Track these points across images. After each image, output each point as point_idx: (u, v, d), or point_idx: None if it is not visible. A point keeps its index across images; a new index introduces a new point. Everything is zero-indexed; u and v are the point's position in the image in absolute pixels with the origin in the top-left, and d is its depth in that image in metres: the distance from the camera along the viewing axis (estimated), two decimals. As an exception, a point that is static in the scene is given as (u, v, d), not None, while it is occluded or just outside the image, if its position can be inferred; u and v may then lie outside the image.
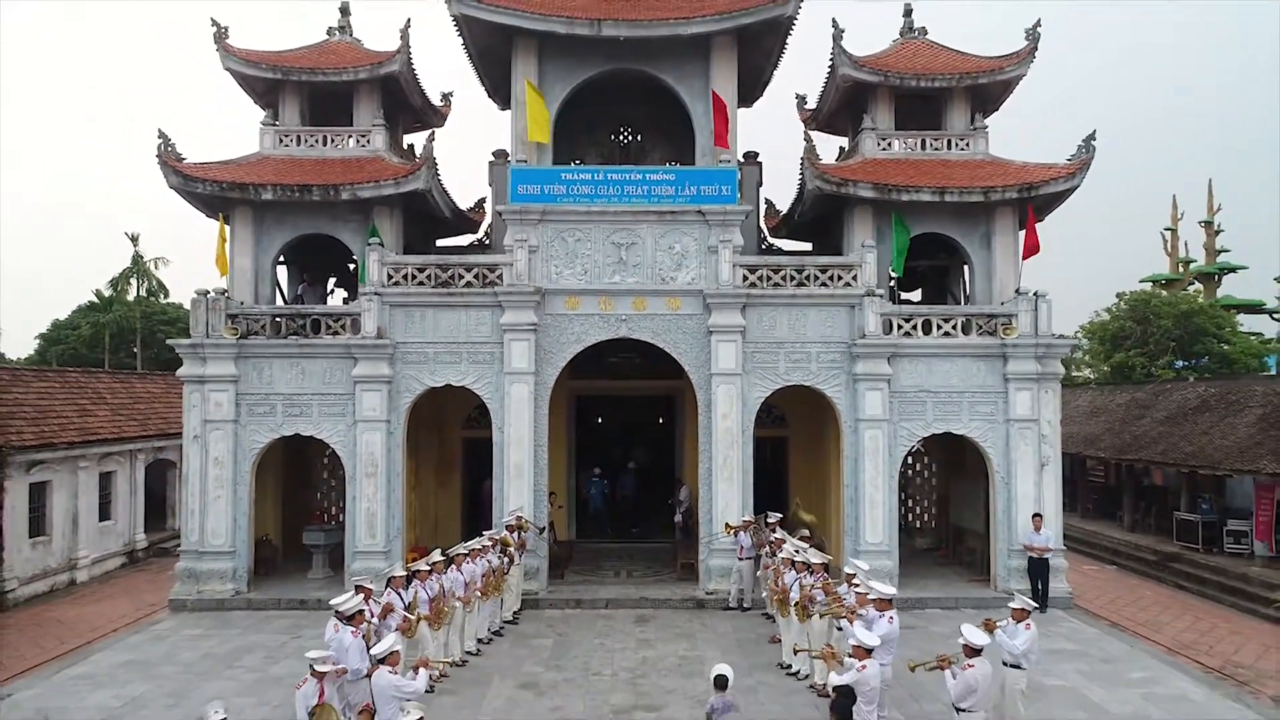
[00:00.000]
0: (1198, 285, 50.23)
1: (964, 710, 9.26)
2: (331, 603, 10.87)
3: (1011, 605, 10.50)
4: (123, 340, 37.94)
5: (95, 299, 38.76)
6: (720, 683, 10.00)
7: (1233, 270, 49.68)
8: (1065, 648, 14.82)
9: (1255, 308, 47.83)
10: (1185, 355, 35.53)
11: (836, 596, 11.43)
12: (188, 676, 13.28)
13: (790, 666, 13.19)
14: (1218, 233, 50.13)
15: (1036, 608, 11.93)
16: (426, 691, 10.00)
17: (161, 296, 39.54)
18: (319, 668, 9.00)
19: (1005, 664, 10.24)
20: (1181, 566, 22.42)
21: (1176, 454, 23.99)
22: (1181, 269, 49.37)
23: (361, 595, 11.06)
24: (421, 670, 9.65)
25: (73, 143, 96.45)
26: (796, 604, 12.32)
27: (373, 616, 11.12)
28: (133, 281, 38.50)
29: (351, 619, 10.34)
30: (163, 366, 38.25)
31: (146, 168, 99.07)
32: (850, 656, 9.47)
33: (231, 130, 63.07)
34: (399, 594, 11.98)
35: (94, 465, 22.98)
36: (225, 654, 14.35)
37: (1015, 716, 10.14)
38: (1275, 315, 45.09)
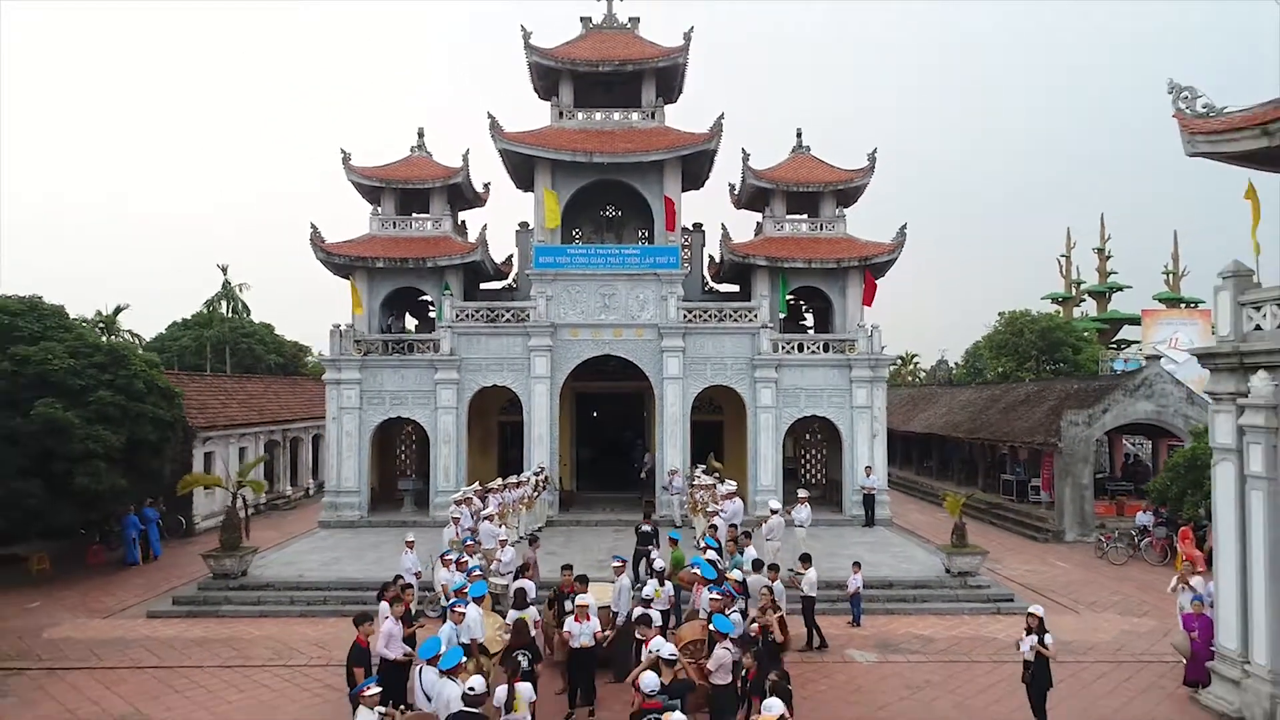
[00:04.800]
0: (1090, 301, 60.32)
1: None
2: (452, 498, 20.85)
3: (798, 496, 20.44)
4: (212, 350, 47.55)
5: (196, 317, 48.35)
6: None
7: (1119, 289, 59.69)
8: (869, 540, 24.72)
9: (1135, 321, 57.86)
10: (1051, 362, 45.39)
11: (714, 495, 21.31)
12: (356, 550, 23.24)
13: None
14: (1108, 258, 60.11)
15: (810, 495, 21.38)
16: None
17: (245, 315, 49.19)
18: (455, 514, 18.94)
19: (792, 525, 20.12)
20: (1000, 511, 32.53)
21: (998, 433, 34.06)
22: (1075, 289, 59.36)
23: (465, 495, 21.05)
24: (503, 526, 19.60)
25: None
26: (699, 508, 22.25)
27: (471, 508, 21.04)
28: (222, 303, 48.22)
29: (462, 503, 20.31)
30: (246, 371, 47.87)
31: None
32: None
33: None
34: (480, 500, 21.86)
35: (236, 442, 32.80)
36: (369, 544, 24.23)
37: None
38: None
